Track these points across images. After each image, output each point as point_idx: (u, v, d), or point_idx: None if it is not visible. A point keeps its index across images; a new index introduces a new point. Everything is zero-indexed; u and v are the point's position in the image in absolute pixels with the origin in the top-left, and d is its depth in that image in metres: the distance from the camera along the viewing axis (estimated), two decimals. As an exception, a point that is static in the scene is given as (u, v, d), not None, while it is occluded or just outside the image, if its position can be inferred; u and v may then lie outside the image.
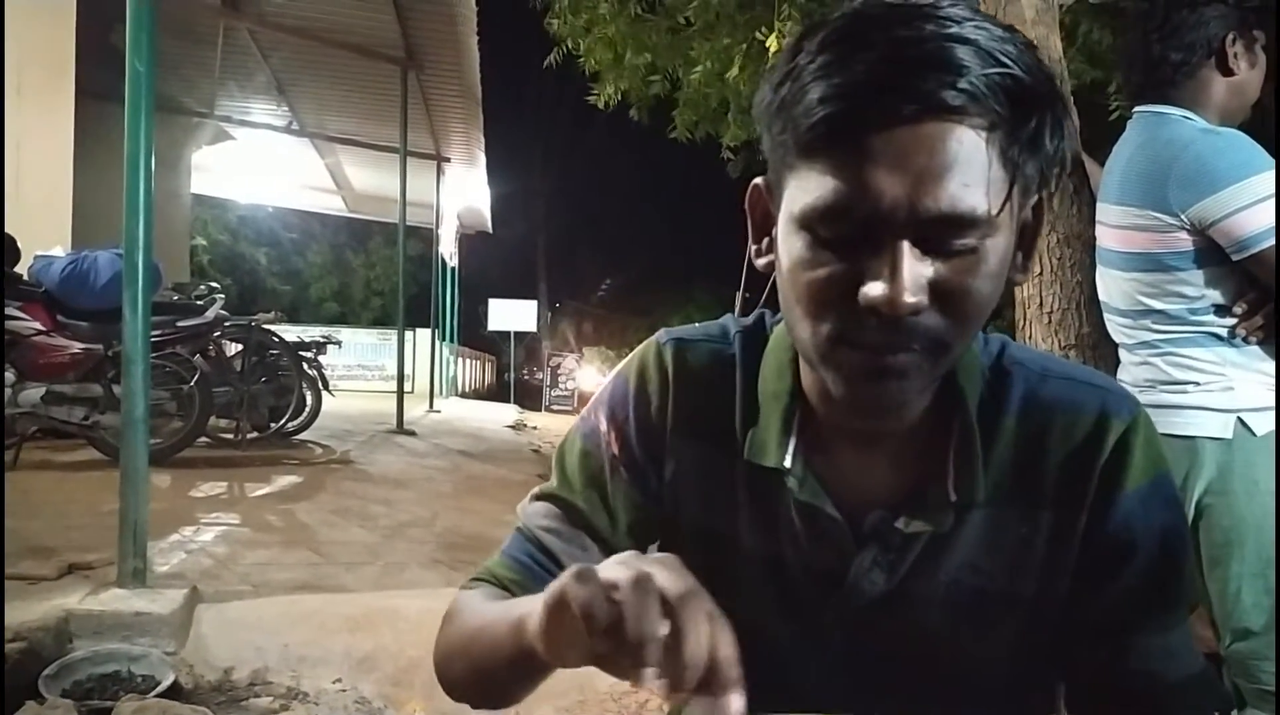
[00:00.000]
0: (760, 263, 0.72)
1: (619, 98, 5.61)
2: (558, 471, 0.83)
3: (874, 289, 0.59)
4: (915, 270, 0.59)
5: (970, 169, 0.58)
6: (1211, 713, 0.73)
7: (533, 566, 0.80)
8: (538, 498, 0.84)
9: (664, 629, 0.50)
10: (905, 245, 0.59)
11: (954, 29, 0.57)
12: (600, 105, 5.66)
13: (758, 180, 0.72)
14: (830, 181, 0.60)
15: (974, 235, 0.59)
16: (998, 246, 0.61)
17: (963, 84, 0.56)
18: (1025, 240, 0.68)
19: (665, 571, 0.52)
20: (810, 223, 0.62)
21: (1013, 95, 0.58)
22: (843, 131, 0.59)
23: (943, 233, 0.59)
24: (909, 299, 0.58)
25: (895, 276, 0.58)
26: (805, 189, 0.62)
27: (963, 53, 0.57)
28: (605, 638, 0.50)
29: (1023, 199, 0.63)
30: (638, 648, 0.49)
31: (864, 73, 0.57)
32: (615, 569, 0.52)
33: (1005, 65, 0.58)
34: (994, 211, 0.59)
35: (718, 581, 0.78)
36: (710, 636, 0.51)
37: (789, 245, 0.65)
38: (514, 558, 0.81)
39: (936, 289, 0.60)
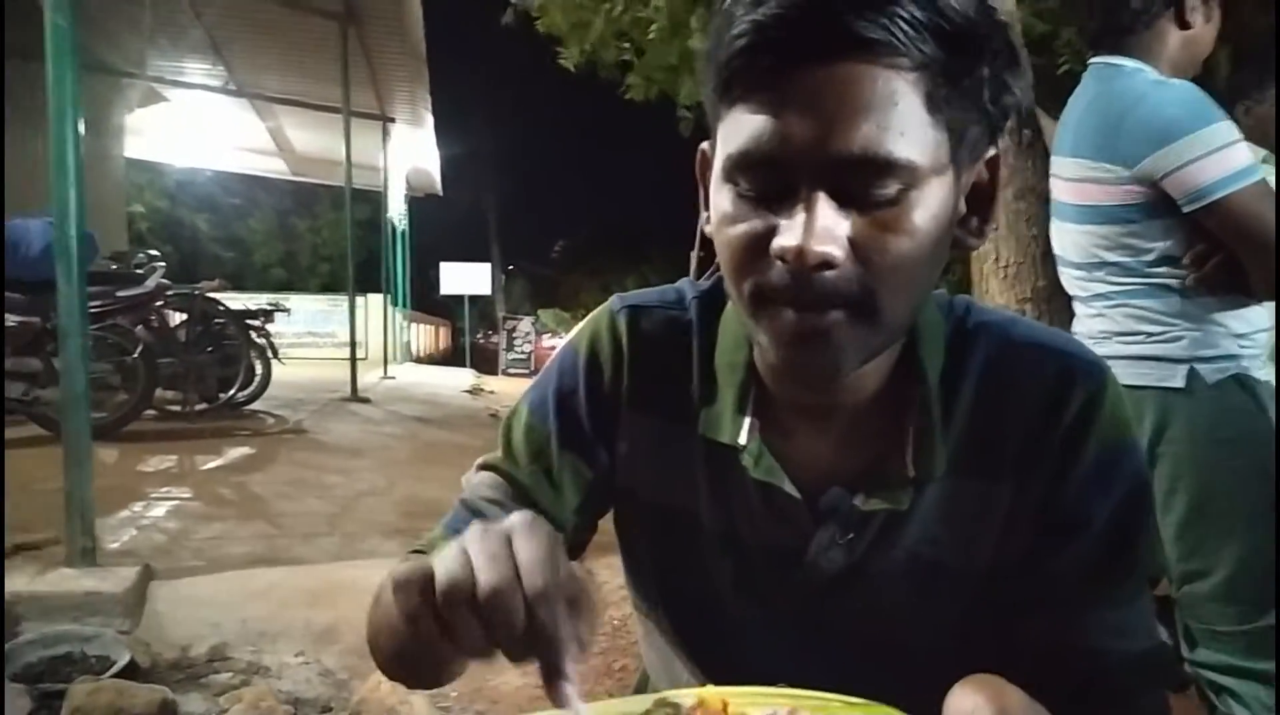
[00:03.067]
0: (708, 229, 0.67)
1: (585, 59, 5.50)
2: (504, 443, 0.79)
3: (784, 239, 0.56)
4: (829, 220, 0.56)
5: (888, 112, 0.54)
6: (1162, 691, 0.70)
7: None
8: (483, 468, 0.80)
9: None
10: (821, 195, 0.56)
11: None
12: (570, 68, 5.54)
13: (704, 145, 0.69)
14: (746, 127, 0.57)
15: (893, 184, 0.55)
16: (926, 200, 0.57)
17: (884, 20, 0.53)
18: (980, 202, 0.64)
19: (486, 559, 0.48)
20: (732, 175, 0.60)
21: (945, 37, 0.54)
22: (758, 71, 0.56)
23: (859, 180, 0.55)
24: (818, 248, 0.55)
25: (806, 226, 0.55)
26: (727, 139, 0.59)
27: None
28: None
29: (964, 152, 0.59)
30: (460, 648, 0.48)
31: (781, 5, 0.54)
32: (439, 566, 0.48)
33: (937, 3, 0.54)
34: (915, 158, 0.55)
35: (675, 558, 0.77)
36: (546, 625, 0.46)
37: (716, 201, 0.62)
38: (455, 530, 0.76)
39: (857, 244, 0.57)
